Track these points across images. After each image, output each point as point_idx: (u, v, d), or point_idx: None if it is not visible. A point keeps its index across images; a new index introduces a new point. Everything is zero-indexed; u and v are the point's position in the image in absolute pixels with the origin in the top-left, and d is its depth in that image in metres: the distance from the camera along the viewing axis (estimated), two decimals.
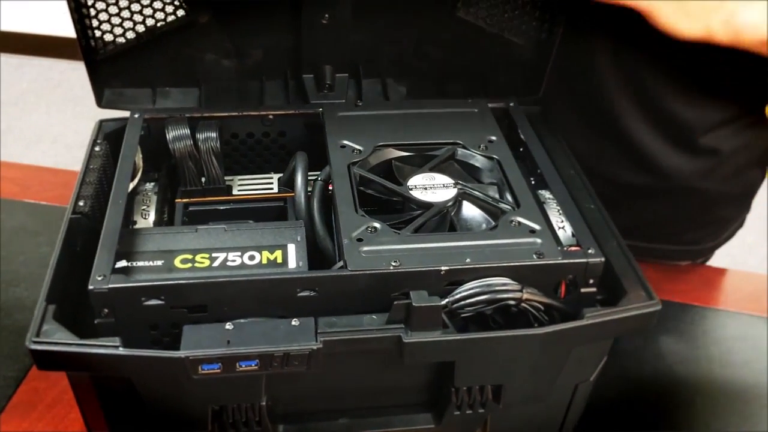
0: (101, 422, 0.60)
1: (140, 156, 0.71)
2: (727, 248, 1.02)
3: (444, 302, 0.56)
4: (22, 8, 2.87)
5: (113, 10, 0.72)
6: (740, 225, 1.01)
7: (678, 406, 0.75)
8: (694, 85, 0.81)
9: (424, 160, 0.71)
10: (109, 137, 0.74)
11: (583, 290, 0.60)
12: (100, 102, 0.77)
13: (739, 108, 0.84)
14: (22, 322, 0.82)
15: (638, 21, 0.71)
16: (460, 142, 0.72)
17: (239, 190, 0.76)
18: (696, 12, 0.68)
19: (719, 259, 1.04)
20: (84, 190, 0.67)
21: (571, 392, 0.65)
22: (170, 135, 0.71)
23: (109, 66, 0.75)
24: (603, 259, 0.60)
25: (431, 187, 0.66)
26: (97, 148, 0.72)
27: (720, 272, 0.96)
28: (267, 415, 0.59)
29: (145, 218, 0.69)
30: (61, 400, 0.74)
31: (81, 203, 0.65)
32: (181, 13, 0.75)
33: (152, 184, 0.73)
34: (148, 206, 0.70)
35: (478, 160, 0.70)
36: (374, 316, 0.57)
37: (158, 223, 0.68)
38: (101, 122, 0.76)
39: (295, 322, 0.55)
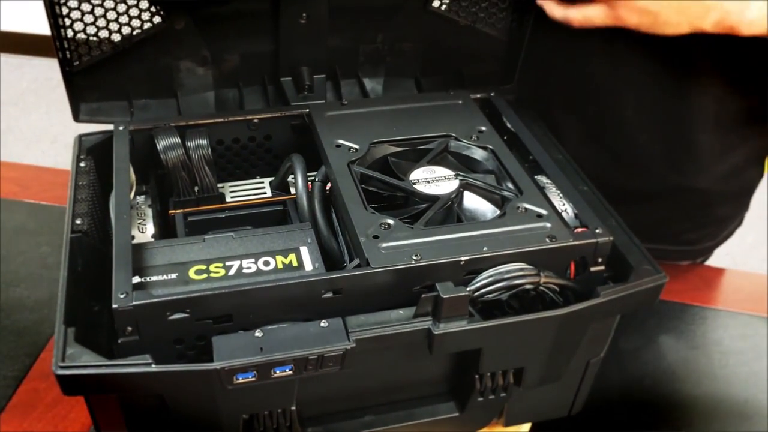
0: None
1: (131, 169, 0.69)
2: (727, 248, 1.01)
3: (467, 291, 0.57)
4: (22, 8, 2.80)
5: (89, 18, 0.70)
6: (739, 223, 1.00)
7: (678, 406, 0.75)
8: (692, 85, 0.82)
9: (417, 154, 0.72)
10: (91, 152, 0.72)
11: (592, 269, 0.62)
12: (77, 116, 0.74)
13: (737, 106, 0.83)
14: (22, 322, 0.80)
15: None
16: (453, 134, 0.73)
17: (232, 197, 0.75)
18: (684, 13, 0.68)
19: (719, 259, 1.03)
20: (78, 208, 0.64)
21: (583, 369, 0.68)
22: (161, 145, 0.69)
23: (85, 78, 0.73)
24: (611, 238, 0.62)
25: (433, 180, 0.67)
26: (82, 164, 0.70)
27: (720, 272, 0.95)
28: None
29: (142, 232, 0.67)
30: (61, 400, 0.72)
31: (78, 221, 0.63)
32: (157, 20, 0.73)
33: (143, 197, 0.71)
34: (144, 220, 0.68)
35: (473, 151, 0.71)
36: (401, 311, 0.57)
37: (159, 236, 0.67)
38: (81, 137, 0.73)
39: (323, 323, 0.55)
